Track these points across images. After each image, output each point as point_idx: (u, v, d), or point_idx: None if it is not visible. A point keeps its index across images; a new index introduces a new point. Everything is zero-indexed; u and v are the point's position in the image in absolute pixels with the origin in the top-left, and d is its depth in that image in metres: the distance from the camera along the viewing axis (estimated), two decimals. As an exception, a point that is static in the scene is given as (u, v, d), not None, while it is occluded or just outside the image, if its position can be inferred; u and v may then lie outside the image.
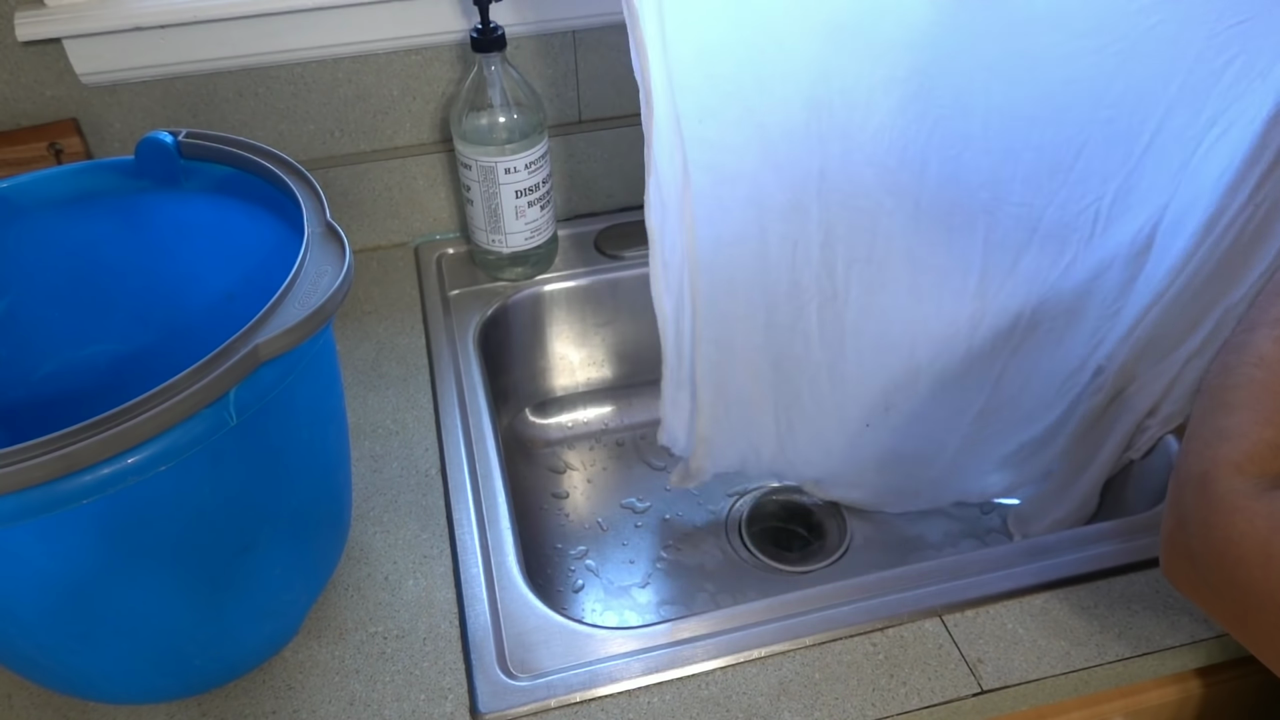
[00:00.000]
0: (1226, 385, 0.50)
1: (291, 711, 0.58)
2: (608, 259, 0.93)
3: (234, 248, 0.61)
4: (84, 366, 0.63)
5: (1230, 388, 0.50)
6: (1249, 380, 0.49)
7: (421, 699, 0.58)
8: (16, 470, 0.39)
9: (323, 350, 0.53)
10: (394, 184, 0.91)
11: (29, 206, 0.59)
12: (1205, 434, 0.50)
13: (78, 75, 0.80)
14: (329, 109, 0.87)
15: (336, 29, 0.82)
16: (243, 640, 0.57)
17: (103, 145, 0.84)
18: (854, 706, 0.57)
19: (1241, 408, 0.49)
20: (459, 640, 0.61)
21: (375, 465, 0.73)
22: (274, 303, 0.47)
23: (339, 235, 0.51)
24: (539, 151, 0.83)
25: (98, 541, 0.45)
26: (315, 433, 0.55)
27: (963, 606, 0.61)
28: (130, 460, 0.42)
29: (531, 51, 0.88)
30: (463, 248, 0.94)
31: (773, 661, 0.59)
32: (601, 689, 0.58)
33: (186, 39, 0.79)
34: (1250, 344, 0.51)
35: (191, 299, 0.64)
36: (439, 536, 0.67)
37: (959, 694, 0.57)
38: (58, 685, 0.56)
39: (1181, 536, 0.50)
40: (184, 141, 0.59)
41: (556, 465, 0.94)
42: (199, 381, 0.42)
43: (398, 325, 0.86)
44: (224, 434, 0.45)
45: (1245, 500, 0.46)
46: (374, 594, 0.64)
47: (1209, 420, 0.50)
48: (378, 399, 0.78)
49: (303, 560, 0.58)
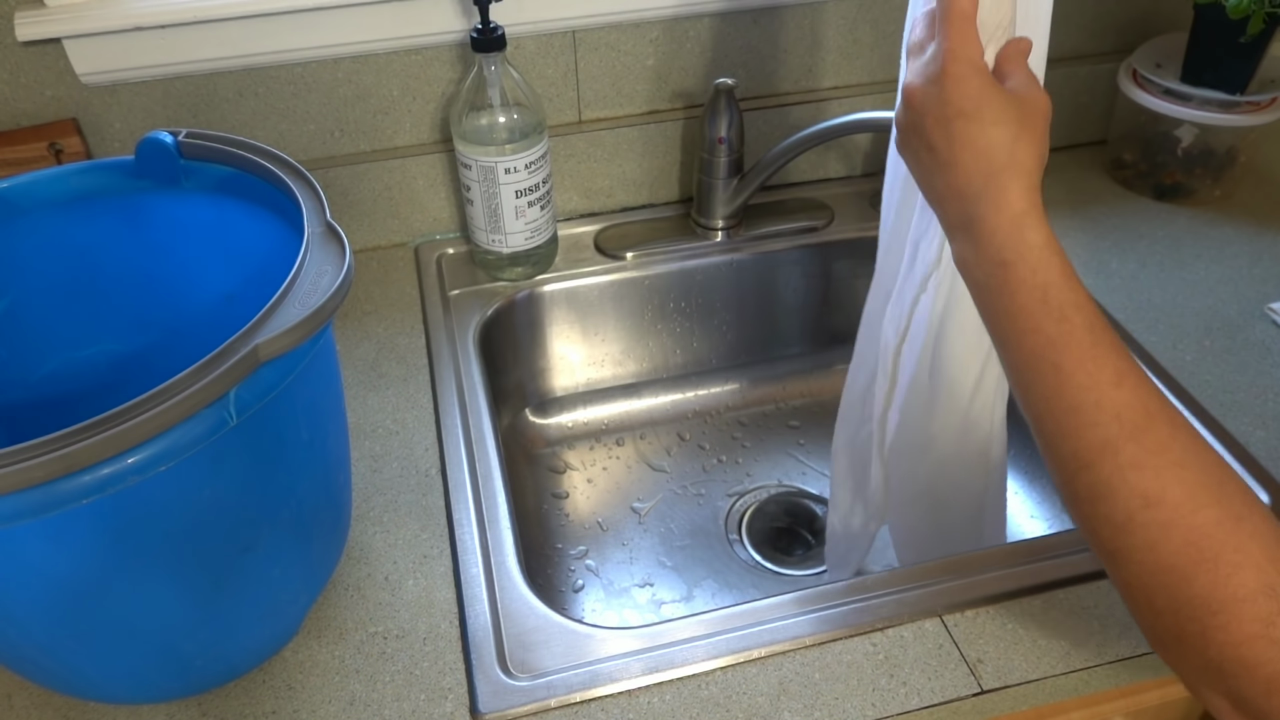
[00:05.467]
0: (1160, 547, 0.44)
1: (291, 711, 0.58)
2: (608, 259, 0.93)
3: (234, 248, 0.61)
4: (84, 366, 0.63)
5: (1168, 549, 0.43)
6: (1175, 527, 0.43)
7: (421, 699, 0.58)
8: (16, 470, 0.39)
9: (323, 350, 0.53)
10: (394, 184, 0.91)
11: (29, 206, 0.59)
12: (1195, 613, 0.43)
13: (78, 75, 0.80)
14: (329, 109, 0.87)
15: (336, 29, 0.82)
16: (243, 640, 0.57)
17: (103, 145, 0.84)
18: (854, 706, 0.57)
19: (1201, 565, 0.43)
20: (459, 640, 0.61)
21: (375, 465, 0.73)
22: (274, 303, 0.47)
23: (339, 235, 0.51)
24: (539, 151, 0.83)
25: (98, 541, 0.45)
26: (315, 433, 0.55)
27: (963, 606, 0.61)
28: (130, 460, 0.42)
29: (531, 51, 0.88)
30: (463, 248, 0.94)
31: (773, 661, 0.59)
32: (601, 689, 0.58)
33: (186, 39, 0.79)
34: (1124, 485, 0.44)
35: (191, 299, 0.64)
36: (439, 536, 0.67)
37: (959, 694, 0.57)
38: (58, 685, 0.56)
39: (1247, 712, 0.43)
40: (184, 141, 0.59)
41: (556, 465, 0.94)
42: (199, 381, 0.42)
43: (398, 325, 0.86)
44: (224, 434, 0.45)
45: (1224, 535, 0.42)
46: (374, 594, 0.64)
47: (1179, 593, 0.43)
48: (378, 399, 0.78)
49: (303, 560, 0.58)
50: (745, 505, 0.90)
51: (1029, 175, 0.47)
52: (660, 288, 0.94)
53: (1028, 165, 0.47)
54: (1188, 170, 0.95)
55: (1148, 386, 0.45)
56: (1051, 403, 0.45)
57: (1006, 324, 0.47)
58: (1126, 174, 1.00)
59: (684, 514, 0.90)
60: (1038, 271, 0.46)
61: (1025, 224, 0.46)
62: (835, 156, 1.01)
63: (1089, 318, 0.46)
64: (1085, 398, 0.45)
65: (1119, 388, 0.45)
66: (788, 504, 0.90)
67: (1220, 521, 0.43)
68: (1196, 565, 0.43)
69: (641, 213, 0.98)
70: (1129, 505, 0.44)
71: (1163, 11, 1.00)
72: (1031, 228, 0.46)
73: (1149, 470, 0.43)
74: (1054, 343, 0.45)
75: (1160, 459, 0.44)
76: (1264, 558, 0.42)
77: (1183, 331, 0.82)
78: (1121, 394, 0.44)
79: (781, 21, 0.91)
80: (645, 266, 0.92)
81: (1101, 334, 0.46)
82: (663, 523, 0.89)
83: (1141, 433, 0.44)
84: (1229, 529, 0.42)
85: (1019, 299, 0.46)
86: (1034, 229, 0.46)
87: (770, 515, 0.90)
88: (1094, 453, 0.44)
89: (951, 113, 0.47)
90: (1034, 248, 0.46)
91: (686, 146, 0.95)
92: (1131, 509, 0.44)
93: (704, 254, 0.93)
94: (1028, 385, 0.47)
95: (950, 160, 0.48)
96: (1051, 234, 0.47)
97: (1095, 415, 0.44)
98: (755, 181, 0.90)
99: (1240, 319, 0.83)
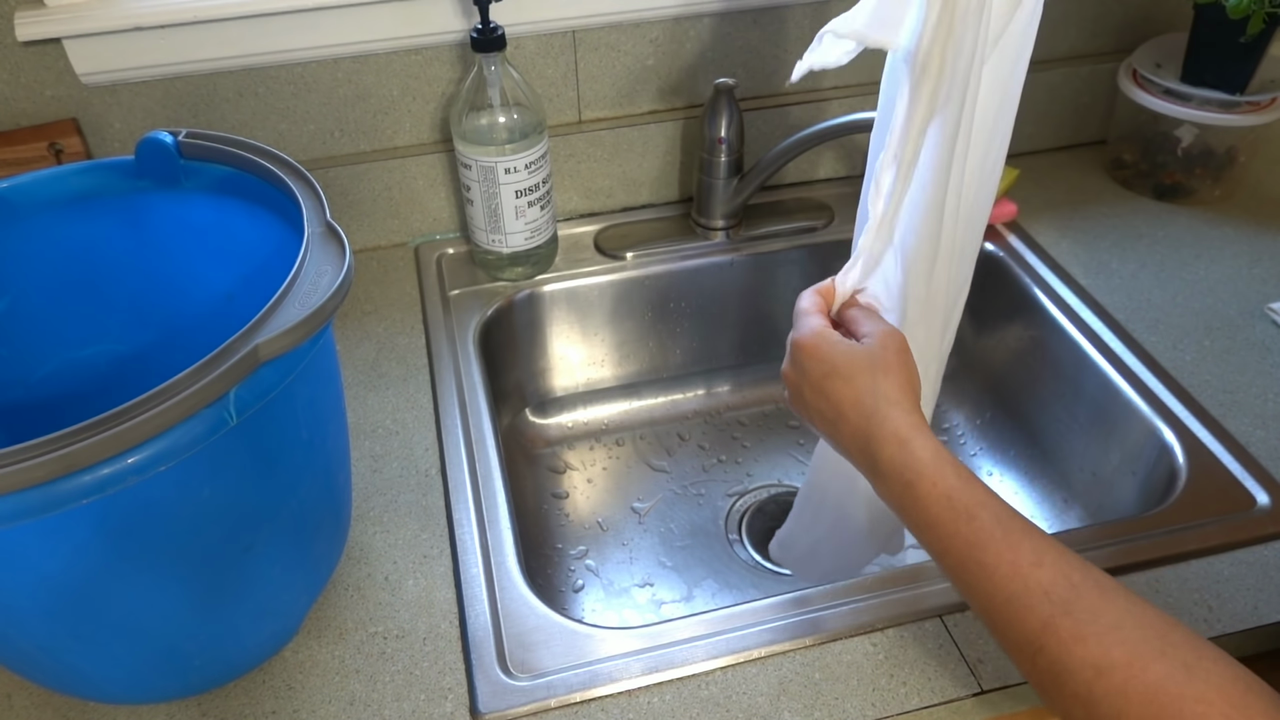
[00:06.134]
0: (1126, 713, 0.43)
1: (291, 711, 0.58)
2: (608, 259, 0.93)
3: (234, 248, 0.61)
4: (84, 366, 0.63)
5: (1132, 714, 0.43)
6: (1131, 690, 0.43)
7: (421, 699, 0.58)
8: (16, 470, 0.39)
9: (323, 350, 0.53)
10: (394, 184, 0.91)
11: (29, 206, 0.59)
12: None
13: (78, 75, 0.80)
14: (329, 109, 0.87)
15: (336, 29, 0.82)
16: (243, 640, 0.57)
17: (103, 145, 0.84)
18: (854, 706, 0.57)
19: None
20: (459, 640, 0.61)
21: (375, 465, 0.73)
22: (274, 303, 0.47)
23: (339, 235, 0.51)
24: (539, 151, 0.83)
25: (98, 541, 0.45)
26: (315, 433, 0.55)
27: (963, 606, 0.61)
28: (130, 460, 0.42)
29: (531, 51, 0.88)
30: (463, 248, 0.94)
31: (773, 661, 0.59)
32: (601, 689, 0.58)
33: (186, 39, 0.79)
34: (1072, 659, 0.45)
35: (191, 299, 0.64)
36: (439, 536, 0.67)
37: (959, 694, 0.57)
38: (58, 685, 0.56)
39: None
40: (184, 141, 0.59)
41: (556, 465, 0.94)
42: (199, 381, 0.42)
43: (398, 325, 0.86)
44: (224, 434, 0.45)
45: (1178, 687, 0.42)
46: (374, 594, 0.64)
47: None
48: (378, 399, 0.78)
49: (303, 560, 0.58)
50: (745, 505, 0.90)
51: (899, 404, 0.52)
52: (660, 288, 0.94)
53: (895, 396, 0.52)
54: (1188, 170, 0.95)
55: (1067, 559, 0.47)
56: (991, 598, 0.47)
57: (930, 536, 0.50)
58: (1126, 174, 1.00)
59: (684, 514, 0.90)
60: (937, 483, 0.49)
61: (912, 445, 0.50)
62: (835, 156, 1.01)
63: (994, 511, 0.48)
64: (1013, 586, 0.46)
65: (1039, 567, 0.46)
66: (788, 504, 0.90)
67: (1170, 675, 0.43)
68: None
69: (641, 213, 0.98)
70: (1084, 677, 0.44)
71: (1163, 11, 1.00)
72: (919, 446, 0.50)
73: (1090, 640, 0.44)
74: (970, 543, 0.48)
75: (1096, 625, 0.45)
76: (1226, 704, 0.42)
77: (1183, 331, 0.82)
78: (1043, 573, 0.46)
79: (781, 21, 0.91)
80: (645, 266, 0.92)
81: (1010, 522, 0.48)
82: (663, 523, 0.89)
83: (1071, 605, 0.45)
84: (1181, 680, 0.43)
85: (931, 511, 0.49)
86: (921, 446, 0.50)
87: (770, 515, 0.90)
88: (1038, 634, 0.46)
89: (818, 377, 0.54)
90: (926, 462, 0.50)
91: (686, 146, 0.95)
92: (1087, 681, 0.44)
93: (704, 254, 0.93)
94: (967, 587, 0.49)
95: (836, 416, 0.54)
96: (939, 445, 0.51)
97: (1027, 600, 0.46)
98: (755, 181, 0.90)
99: (1240, 319, 0.83)
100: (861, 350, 0.54)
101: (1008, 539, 0.47)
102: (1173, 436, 0.73)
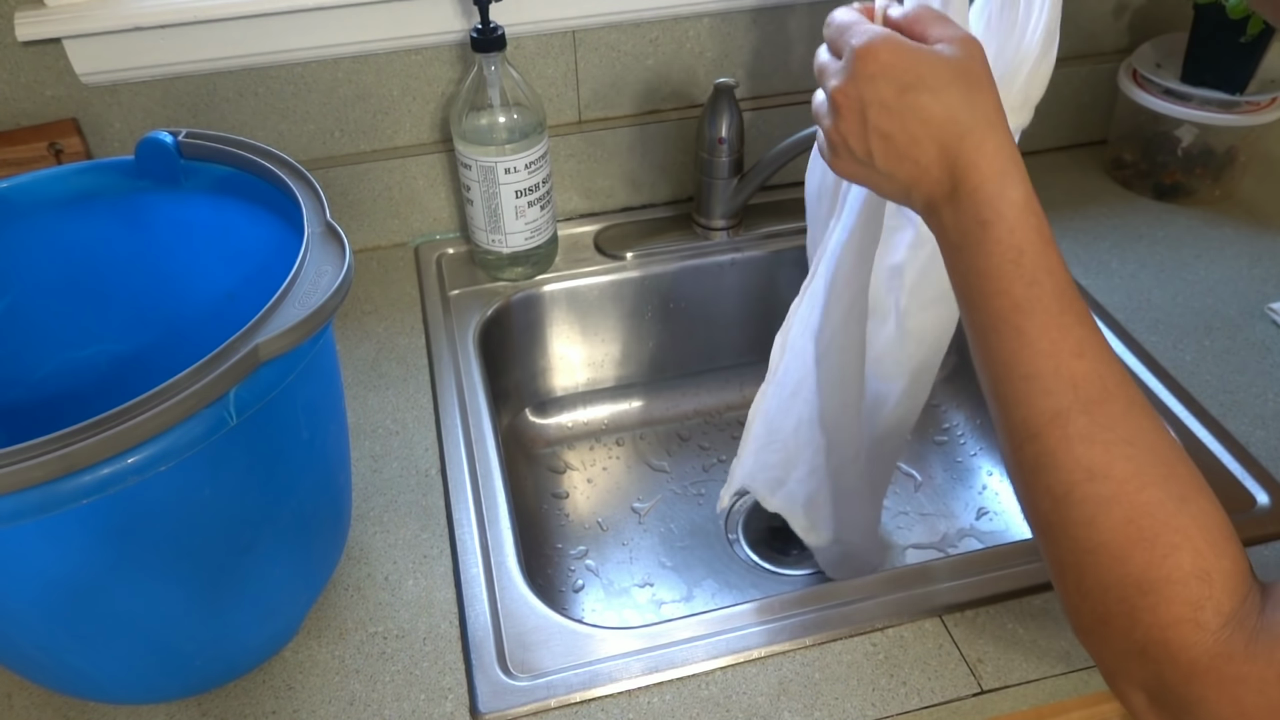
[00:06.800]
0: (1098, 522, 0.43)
1: (291, 711, 0.58)
2: (608, 259, 0.93)
3: (234, 248, 0.61)
4: (84, 366, 0.63)
5: (1106, 524, 0.42)
6: (1117, 503, 0.42)
7: (421, 699, 0.58)
8: (16, 470, 0.39)
9: (323, 350, 0.53)
10: (394, 184, 0.91)
11: (29, 206, 0.59)
12: (1125, 593, 0.42)
13: (78, 75, 0.80)
14: (329, 109, 0.87)
15: (336, 29, 0.82)
16: (243, 640, 0.57)
17: (103, 145, 0.84)
18: (854, 706, 0.57)
19: (1139, 544, 0.42)
20: (459, 640, 0.61)
21: (375, 465, 0.73)
22: (274, 303, 0.47)
23: (339, 235, 0.51)
24: (539, 151, 0.83)
25: (98, 541, 0.45)
26: (315, 433, 0.55)
27: (963, 606, 0.61)
28: (130, 460, 0.42)
29: (531, 51, 0.88)
30: (463, 248, 0.94)
31: (773, 661, 0.59)
32: (601, 689, 0.58)
33: (186, 39, 0.79)
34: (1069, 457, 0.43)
35: (191, 299, 0.64)
36: (439, 536, 0.67)
37: (959, 694, 0.57)
38: (58, 685, 0.56)
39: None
40: (184, 141, 0.59)
41: (556, 465, 0.94)
42: (199, 381, 0.42)
43: (398, 325, 0.86)
44: (224, 434, 0.45)
45: (1238, 665, 0.40)
46: (374, 594, 0.64)
47: (1116, 571, 0.42)
48: (378, 399, 0.78)
49: (303, 560, 0.58)
50: (745, 505, 0.90)
51: (999, 129, 0.45)
52: (660, 288, 0.94)
53: (993, 118, 0.45)
54: (1188, 170, 0.95)
55: (1110, 361, 0.44)
56: (1010, 368, 0.44)
57: (976, 284, 0.45)
58: (1126, 174, 1.00)
59: (684, 514, 0.90)
60: (1015, 232, 0.44)
61: (1006, 181, 0.44)
62: (835, 156, 1.01)
63: (1059, 285, 0.44)
64: (1044, 365, 0.44)
65: (1080, 358, 0.43)
66: (788, 504, 0.90)
67: (1163, 502, 0.42)
68: (1134, 544, 0.42)
69: (641, 213, 0.98)
70: (1071, 477, 0.43)
71: (1163, 11, 1.00)
72: (1012, 185, 0.44)
73: (1097, 444, 0.42)
74: (1020, 307, 0.44)
75: (1110, 434, 0.43)
76: (1204, 541, 0.41)
77: (1183, 331, 0.82)
78: (1081, 364, 0.43)
79: (781, 21, 0.91)
80: (645, 266, 0.93)
81: (1070, 303, 0.44)
82: (663, 523, 0.89)
83: (1095, 406, 0.43)
84: (1171, 510, 0.41)
85: (993, 259, 0.44)
86: (1015, 186, 0.44)
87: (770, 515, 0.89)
88: (1044, 422, 0.43)
89: (894, 92, 0.45)
90: (1014, 205, 0.44)
91: (686, 146, 0.95)
92: (1074, 481, 0.43)
93: (704, 254, 0.93)
94: (989, 349, 0.45)
95: (911, 139, 0.45)
96: (1032, 192, 0.44)
97: (1051, 383, 0.43)
98: (755, 181, 0.90)
99: (1240, 319, 0.83)
100: (949, 58, 0.45)
101: (1060, 318, 0.44)
102: (1173, 436, 0.73)
